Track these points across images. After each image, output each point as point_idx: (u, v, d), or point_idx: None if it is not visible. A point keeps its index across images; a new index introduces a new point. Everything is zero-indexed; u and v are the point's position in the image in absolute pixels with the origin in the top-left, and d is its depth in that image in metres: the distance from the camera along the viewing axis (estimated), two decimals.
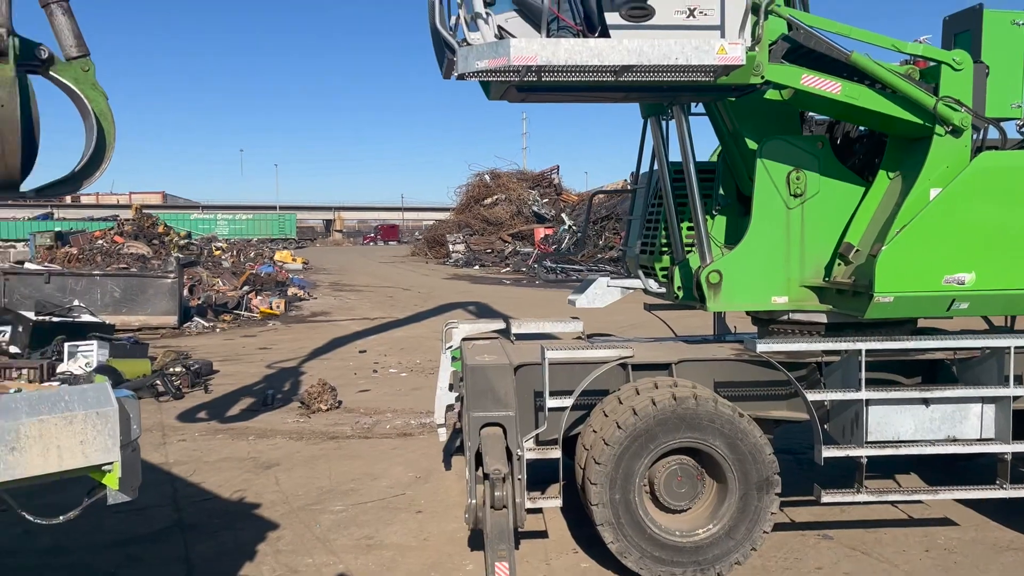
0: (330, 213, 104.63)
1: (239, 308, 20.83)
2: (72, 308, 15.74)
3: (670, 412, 4.99)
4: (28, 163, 4.48)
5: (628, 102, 5.91)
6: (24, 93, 4.35)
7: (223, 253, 36.42)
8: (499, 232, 45.05)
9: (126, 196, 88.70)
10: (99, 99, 4.82)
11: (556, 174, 51.30)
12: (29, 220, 65.16)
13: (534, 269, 34.65)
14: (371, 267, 43.82)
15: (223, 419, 9.78)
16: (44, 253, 27.86)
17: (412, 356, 14.24)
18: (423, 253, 51.25)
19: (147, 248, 28.09)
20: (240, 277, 25.49)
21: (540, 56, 4.49)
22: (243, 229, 76.42)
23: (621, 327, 11.80)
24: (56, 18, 4.69)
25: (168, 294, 17.89)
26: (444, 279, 33.65)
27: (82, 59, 4.75)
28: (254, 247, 47.37)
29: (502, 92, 5.39)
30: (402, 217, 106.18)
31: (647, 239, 6.55)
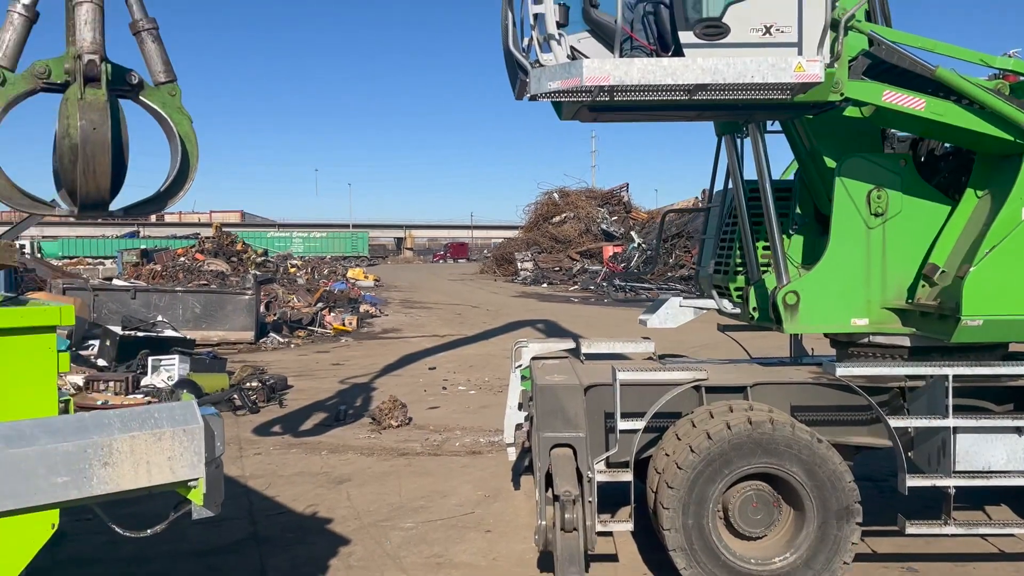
0: (401, 231, 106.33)
1: (313, 324, 21.29)
2: (156, 323, 16.36)
3: (745, 436, 4.88)
4: (117, 183, 4.67)
5: (702, 120, 5.85)
6: (115, 117, 4.56)
7: (298, 270, 37.32)
8: (567, 250, 45.01)
9: (207, 215, 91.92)
10: (184, 122, 5.01)
11: (625, 192, 51.05)
12: (117, 238, 68.16)
13: (603, 287, 34.45)
14: (440, 284, 44.28)
15: (297, 433, 9.98)
16: (131, 270, 29.03)
17: (481, 374, 14.30)
18: (491, 271, 51.55)
19: (226, 265, 28.99)
20: (314, 294, 26.08)
21: (613, 76, 4.49)
22: (317, 247, 78.21)
23: (692, 348, 11.63)
24: (146, 45, 4.89)
25: (246, 310, 18.40)
26: (512, 297, 33.75)
27: (169, 84, 4.96)
28: (328, 264, 48.43)
29: (574, 112, 5.40)
30: (471, 235, 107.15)
31: (721, 258, 6.45)
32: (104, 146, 4.36)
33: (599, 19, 5.12)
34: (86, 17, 4.38)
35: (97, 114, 4.35)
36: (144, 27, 4.84)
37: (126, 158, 4.71)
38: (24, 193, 4.52)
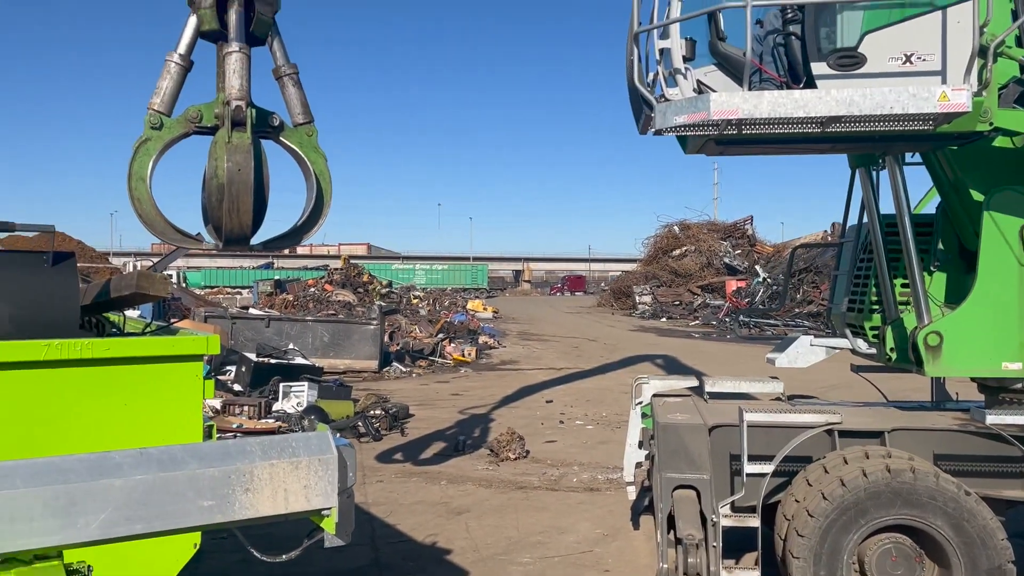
0: (519, 264, 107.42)
1: (434, 354, 21.72)
2: (287, 351, 17.11)
3: (883, 485, 4.60)
4: (258, 220, 4.95)
5: (835, 153, 5.64)
6: (258, 158, 4.85)
7: (420, 301, 38.24)
8: (688, 284, 44.18)
9: (336, 247, 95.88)
10: (320, 161, 5.27)
11: (749, 225, 49.77)
12: (253, 269, 72.06)
13: (725, 323, 33.56)
14: (558, 317, 44.32)
15: (417, 462, 10.16)
16: (265, 299, 30.56)
17: (598, 408, 14.16)
18: (609, 304, 51.20)
19: (353, 296, 30.06)
20: (435, 325, 26.64)
21: (742, 109, 4.40)
22: (439, 279, 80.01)
23: (822, 388, 11.12)
24: (287, 89, 5.20)
25: (371, 340, 18.99)
26: (630, 331, 33.37)
27: (307, 125, 5.23)
28: (448, 296, 49.42)
29: (699, 146, 5.33)
30: (588, 268, 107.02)
31: (855, 296, 6.16)
32: (247, 186, 4.63)
33: (727, 52, 5.04)
34: (235, 66, 4.69)
35: (242, 156, 4.62)
36: (286, 72, 5.15)
37: (267, 196, 4.99)
38: (176, 229, 4.84)
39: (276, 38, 5.13)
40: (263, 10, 4.94)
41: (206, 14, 4.78)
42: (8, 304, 2.90)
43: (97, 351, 2.86)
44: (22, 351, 2.74)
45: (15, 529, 1.72)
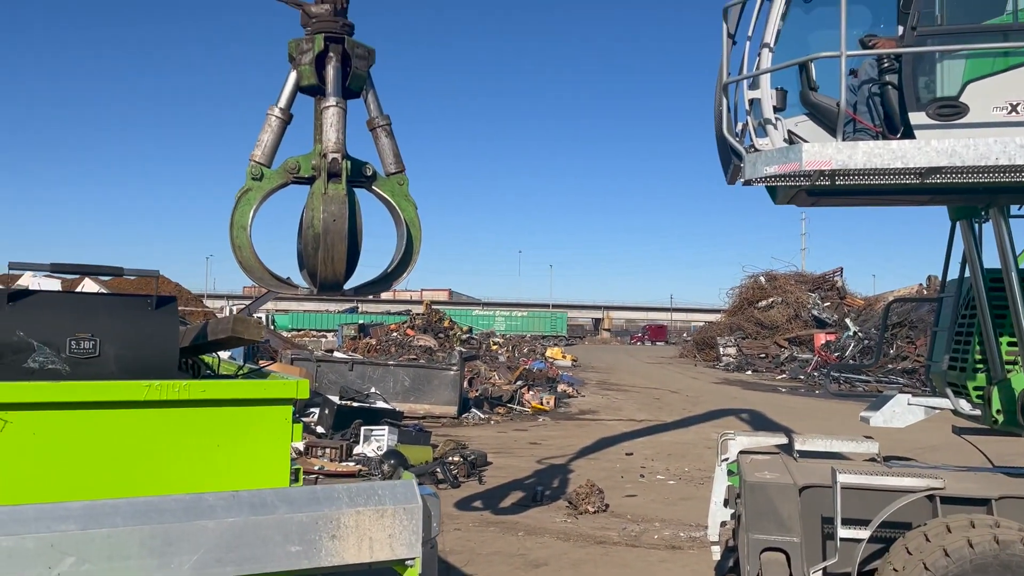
0: (599, 312, 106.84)
1: (512, 402, 21.66)
2: (369, 395, 17.37)
3: (991, 557, 4.30)
4: (351, 267, 5.09)
5: (933, 205, 5.44)
6: (351, 207, 5.01)
7: (499, 348, 38.37)
8: (774, 336, 43.01)
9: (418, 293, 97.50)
10: (410, 209, 5.40)
11: (839, 276, 48.32)
12: (338, 313, 73.80)
13: (814, 377, 32.45)
14: (638, 367, 43.72)
15: (495, 511, 10.07)
16: (349, 343, 31.23)
17: (680, 463, 13.80)
18: (691, 355, 50.25)
19: (434, 341, 30.40)
20: (514, 372, 26.62)
21: (835, 160, 4.30)
22: (518, 325, 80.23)
23: (920, 450, 10.58)
24: (380, 140, 5.37)
25: (451, 385, 19.10)
26: (713, 383, 32.60)
27: (399, 174, 5.38)
28: (527, 343, 49.41)
29: (790, 197, 5.22)
30: (670, 317, 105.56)
31: (957, 353, 5.85)
32: (342, 235, 4.78)
33: (819, 102, 4.96)
34: (332, 120, 4.89)
35: (337, 206, 4.78)
36: (379, 124, 5.34)
37: (359, 244, 5.13)
38: (273, 275, 5.02)
39: (371, 91, 5.33)
40: (359, 65, 5.14)
41: (306, 70, 5.01)
42: (114, 345, 3.03)
43: (194, 393, 2.95)
44: (125, 391, 2.85)
45: (112, 567, 1.77)
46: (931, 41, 4.53)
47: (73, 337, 2.95)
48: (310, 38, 5.06)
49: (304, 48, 5.06)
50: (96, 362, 3.00)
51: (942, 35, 4.49)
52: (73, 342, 2.96)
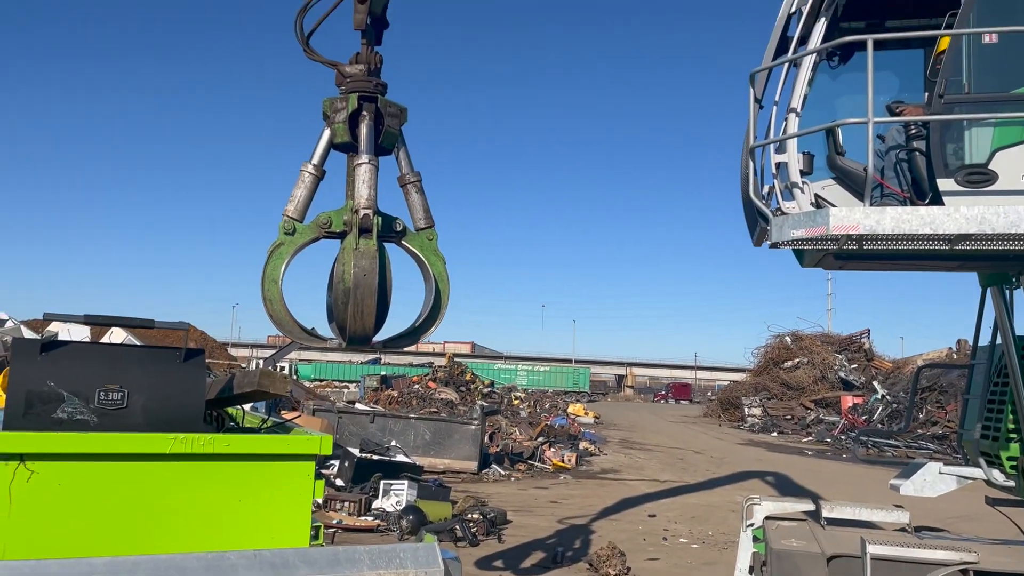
0: (622, 368, 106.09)
1: (533, 459, 21.41)
2: (389, 448, 17.26)
3: None
4: (380, 321, 5.11)
5: (963, 271, 5.39)
6: (381, 263, 5.05)
7: (521, 403, 38.12)
8: (800, 397, 42.38)
9: (441, 345, 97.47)
10: (439, 264, 5.43)
11: (866, 338, 47.71)
12: (361, 364, 73.91)
13: (841, 441, 31.83)
14: (661, 426, 43.17)
15: (515, 571, 9.88)
16: (371, 394, 31.21)
17: (704, 526, 13.51)
18: (716, 415, 49.58)
19: (455, 395, 30.32)
20: (536, 428, 26.38)
21: (863, 225, 4.29)
22: (540, 380, 79.81)
23: (951, 519, 10.28)
24: (411, 196, 5.44)
25: (471, 440, 18.95)
26: (738, 444, 32.07)
27: (428, 229, 5.43)
28: (550, 399, 49.09)
29: (817, 260, 5.20)
30: (695, 376, 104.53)
31: (989, 422, 5.73)
32: (372, 290, 4.82)
33: (846, 166, 4.98)
34: (364, 176, 4.97)
35: (368, 261, 4.83)
36: (410, 180, 5.41)
37: (389, 298, 5.16)
38: (302, 328, 5.05)
39: (402, 148, 5.42)
40: (391, 124, 5.25)
41: (339, 128, 5.12)
42: (142, 396, 3.06)
43: (218, 447, 2.96)
44: (151, 444, 2.87)
45: None
46: (958, 109, 4.55)
47: (102, 388, 2.99)
48: (344, 97, 5.18)
49: (338, 107, 5.17)
50: (124, 413, 3.03)
51: (970, 103, 4.51)
52: (102, 393, 2.99)
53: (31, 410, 2.89)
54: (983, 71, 4.60)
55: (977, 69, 4.59)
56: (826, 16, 4.89)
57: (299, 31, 5.41)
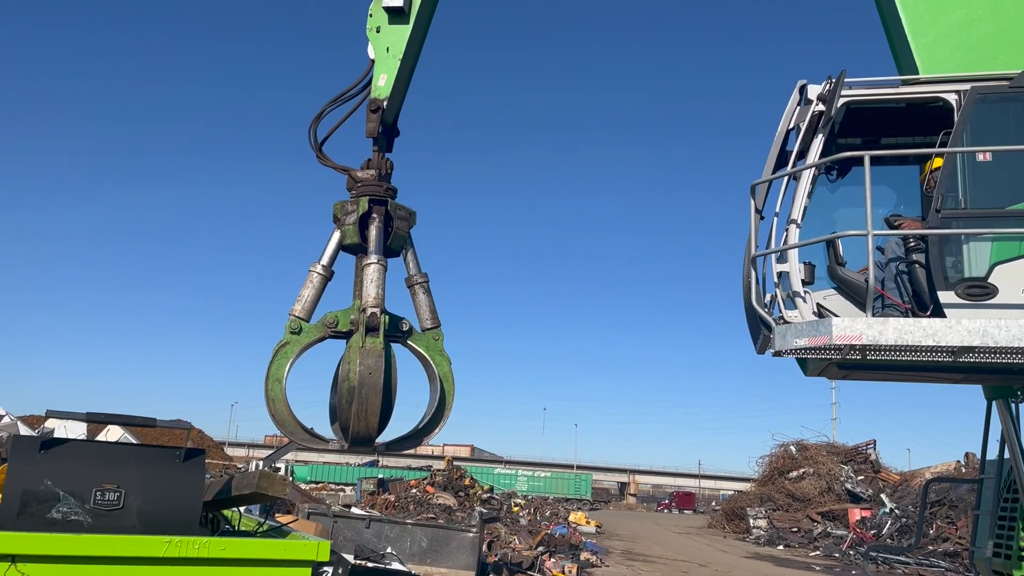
0: (625, 476, 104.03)
1: (532, 569, 20.70)
2: (385, 555, 16.72)
3: None
4: (384, 422, 5.03)
5: (968, 383, 5.38)
6: (387, 362, 5.01)
7: (521, 510, 37.19)
8: (806, 509, 41.30)
9: (440, 447, 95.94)
10: (444, 364, 5.39)
11: (872, 449, 46.90)
12: (358, 466, 72.57)
13: (850, 556, 30.83)
14: (665, 536, 41.94)
15: None
16: (367, 498, 30.51)
17: None
18: (720, 526, 48.21)
19: (454, 500, 29.61)
20: (535, 537, 25.63)
21: (866, 336, 4.31)
22: (541, 486, 78.07)
23: None
24: (418, 296, 5.47)
25: (469, 548, 18.36)
26: (744, 557, 31.05)
27: (434, 330, 5.44)
28: (550, 506, 47.90)
29: (821, 369, 5.20)
30: (698, 485, 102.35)
31: (1001, 540, 5.59)
32: (377, 389, 4.78)
33: (846, 277, 5.04)
34: (372, 276, 5.02)
35: (374, 360, 4.81)
36: (417, 281, 5.46)
37: (393, 399, 5.11)
38: (304, 428, 5.00)
39: (411, 250, 5.51)
40: (400, 226, 5.35)
41: (349, 230, 5.22)
42: (138, 497, 3.02)
43: (214, 551, 2.89)
44: (145, 547, 2.81)
45: None
46: (956, 223, 4.64)
47: (99, 488, 2.95)
48: (355, 200, 5.30)
49: (349, 209, 5.28)
50: (119, 514, 2.97)
51: (967, 218, 4.61)
52: (99, 493, 2.95)
53: (26, 510, 2.84)
54: (979, 187, 4.72)
55: (973, 185, 4.72)
56: (823, 132, 5.06)
57: (312, 138, 5.59)
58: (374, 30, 5.48)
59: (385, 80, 5.44)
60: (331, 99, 5.62)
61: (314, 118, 5.60)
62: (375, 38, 5.48)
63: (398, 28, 5.46)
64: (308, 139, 5.59)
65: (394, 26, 5.46)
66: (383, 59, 5.46)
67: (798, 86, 5.27)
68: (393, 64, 5.43)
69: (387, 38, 5.45)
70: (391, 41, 5.45)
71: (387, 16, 5.46)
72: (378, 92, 5.45)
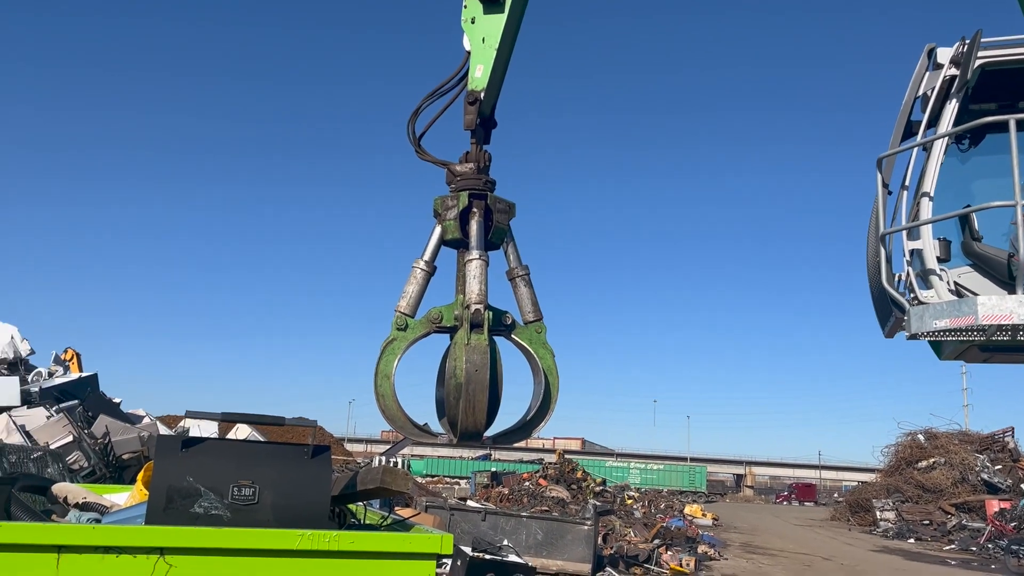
0: (741, 467, 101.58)
1: (649, 562, 20.49)
2: (502, 547, 16.90)
3: None
4: (491, 417, 5.05)
5: None
6: (492, 356, 5.00)
7: (635, 502, 36.86)
8: (938, 501, 39.21)
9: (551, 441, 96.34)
10: (548, 357, 5.34)
11: (1010, 437, 44.04)
12: (472, 459, 73.76)
13: (988, 549, 29.06)
14: (785, 529, 40.70)
15: None
16: (481, 491, 30.90)
17: None
18: (844, 518, 46.41)
19: (566, 493, 29.60)
20: (651, 529, 25.36)
21: (1017, 315, 4.00)
22: (654, 479, 77.18)
23: None
24: (519, 289, 5.40)
25: (585, 541, 18.34)
26: (871, 551, 29.76)
27: (536, 322, 5.37)
28: (664, 498, 47.30)
29: (959, 352, 4.88)
30: (819, 476, 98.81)
31: None
32: (484, 385, 4.78)
33: (983, 253, 4.71)
34: (475, 272, 5.00)
35: (479, 357, 4.81)
36: (519, 274, 5.39)
37: (500, 393, 5.11)
38: (414, 424, 5.05)
39: (511, 243, 5.43)
40: (500, 219, 5.29)
41: (450, 225, 5.21)
42: (272, 493, 3.11)
43: (343, 544, 2.94)
44: (280, 540, 2.89)
45: None
46: None
47: (236, 484, 3.05)
48: (455, 195, 5.27)
49: (449, 204, 5.26)
50: (255, 509, 3.07)
51: None
52: (235, 488, 3.05)
53: (171, 504, 2.97)
54: None
55: None
56: (956, 98, 4.72)
57: (411, 133, 5.57)
58: (469, 21, 5.45)
59: (482, 71, 5.39)
60: (428, 93, 5.59)
61: (412, 113, 5.58)
62: (470, 29, 5.45)
63: (493, 18, 5.40)
64: (407, 134, 5.60)
65: (489, 16, 5.40)
66: (479, 50, 5.41)
67: (926, 50, 4.93)
68: (489, 54, 5.38)
69: (482, 28, 5.40)
70: (486, 31, 5.40)
71: (482, 6, 5.40)
72: (475, 84, 5.40)
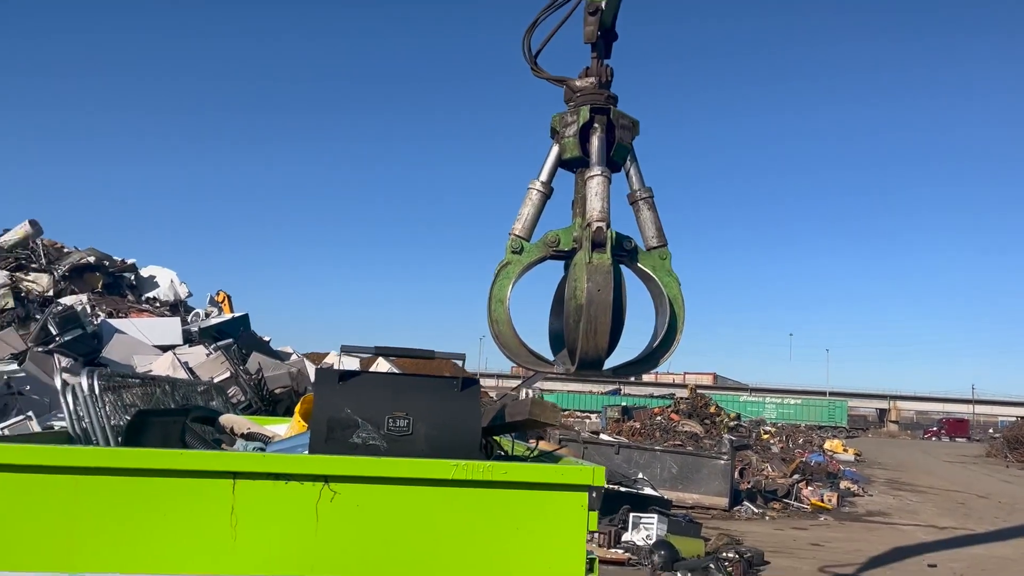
0: (885, 402, 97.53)
1: (788, 497, 20.17)
2: (636, 480, 17.04)
3: None
4: (613, 344, 4.82)
5: None
6: (616, 278, 4.73)
7: (771, 437, 36.18)
8: None
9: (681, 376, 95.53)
10: (673, 284, 5.06)
11: None
12: (602, 394, 74.32)
13: None
14: (934, 466, 38.93)
15: None
16: (613, 425, 31.12)
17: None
18: (1001, 455, 43.94)
19: (700, 427, 29.36)
20: (790, 464, 24.88)
21: None
22: (791, 414, 75.34)
23: None
24: (642, 213, 5.13)
25: (721, 475, 18.23)
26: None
27: (661, 248, 5.07)
28: (803, 433, 46.16)
29: None
30: (972, 411, 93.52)
31: None
32: (606, 307, 4.55)
33: None
34: (597, 189, 4.78)
35: (602, 276, 4.58)
36: (641, 196, 5.12)
37: (623, 319, 4.91)
38: (530, 351, 4.93)
39: (633, 163, 5.15)
40: (623, 136, 5.01)
41: (569, 143, 4.97)
42: (425, 424, 3.21)
43: (496, 474, 3.01)
44: (435, 469, 2.99)
45: None
46: None
47: (391, 415, 3.17)
48: (575, 111, 5.01)
49: (568, 121, 5.01)
50: (409, 440, 3.19)
51: None
52: (391, 420, 3.17)
53: (332, 435, 3.13)
54: None
55: None
56: None
57: (527, 50, 5.30)
58: None
59: None
60: (544, 6, 5.29)
61: (528, 27, 5.28)
62: None
63: None
64: (522, 51, 5.31)
65: None
66: None
67: None
68: None
69: None
70: None
71: None
72: None
